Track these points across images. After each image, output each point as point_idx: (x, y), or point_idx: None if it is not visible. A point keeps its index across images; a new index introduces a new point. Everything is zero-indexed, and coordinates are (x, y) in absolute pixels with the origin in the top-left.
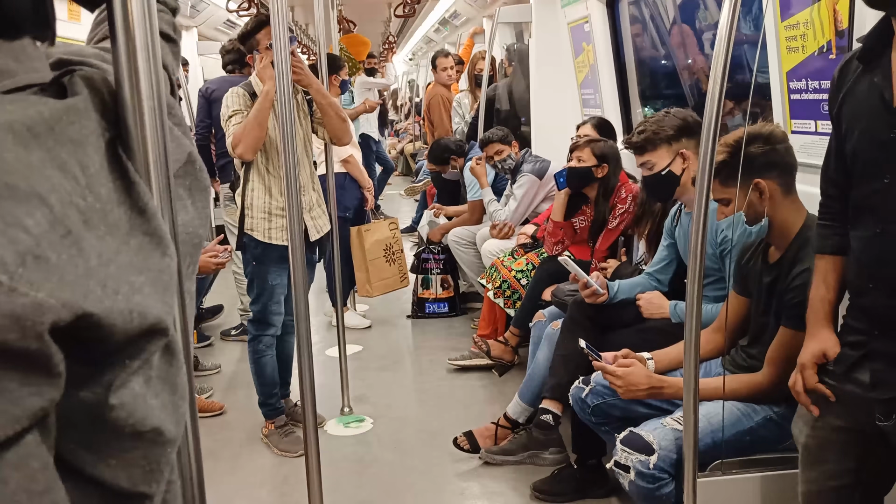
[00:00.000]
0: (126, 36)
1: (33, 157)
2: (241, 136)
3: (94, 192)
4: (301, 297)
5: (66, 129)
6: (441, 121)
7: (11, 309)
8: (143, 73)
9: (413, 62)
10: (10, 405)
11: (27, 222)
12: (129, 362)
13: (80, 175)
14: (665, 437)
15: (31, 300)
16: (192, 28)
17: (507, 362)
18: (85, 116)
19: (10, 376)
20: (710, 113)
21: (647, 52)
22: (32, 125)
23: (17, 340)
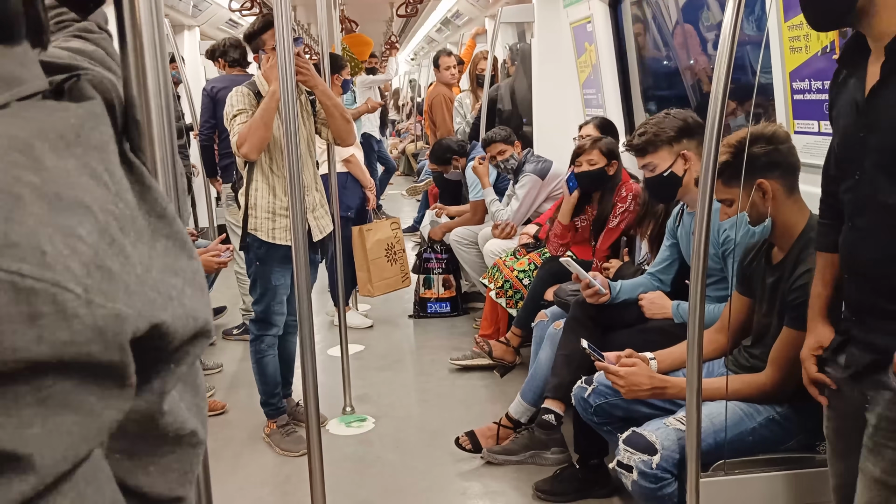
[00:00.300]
0: (133, 36)
1: (69, 165)
2: (246, 136)
3: (123, 199)
4: (304, 297)
5: (91, 135)
6: (443, 120)
7: (93, 321)
8: (151, 71)
9: (415, 62)
10: (90, 419)
11: (81, 232)
12: (174, 367)
13: (110, 181)
14: (668, 437)
15: (111, 311)
16: (194, 27)
17: (508, 363)
18: (102, 121)
19: (90, 390)
20: (713, 113)
21: (649, 52)
22: (63, 132)
23: (100, 353)
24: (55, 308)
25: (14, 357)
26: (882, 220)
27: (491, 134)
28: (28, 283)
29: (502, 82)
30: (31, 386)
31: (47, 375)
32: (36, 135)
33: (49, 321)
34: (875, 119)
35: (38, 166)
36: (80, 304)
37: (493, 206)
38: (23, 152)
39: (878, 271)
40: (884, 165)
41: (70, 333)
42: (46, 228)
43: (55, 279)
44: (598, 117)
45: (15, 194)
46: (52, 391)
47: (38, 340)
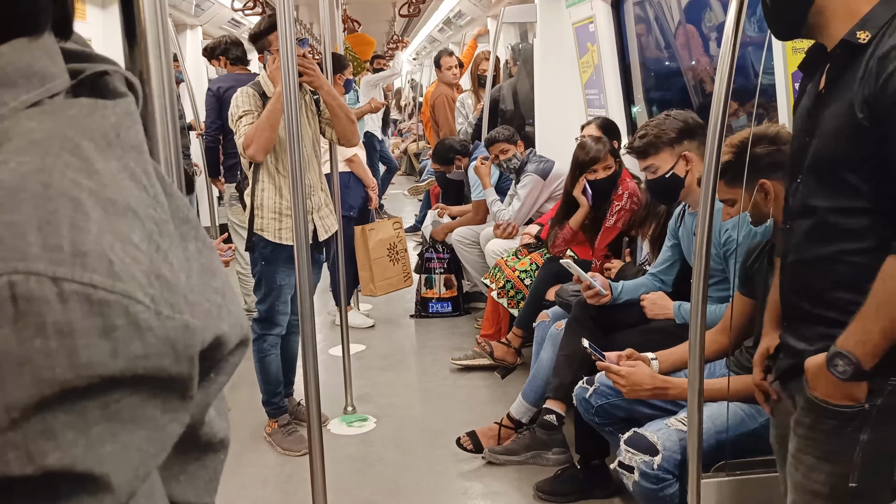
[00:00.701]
0: (138, 36)
1: (113, 167)
2: (252, 137)
3: (160, 203)
4: (306, 297)
5: (128, 135)
6: (446, 120)
7: (165, 333)
8: (154, 71)
9: (417, 62)
10: (157, 434)
11: (134, 238)
12: (215, 377)
13: (148, 184)
14: (669, 437)
15: (181, 323)
16: (196, 27)
17: (509, 364)
18: (136, 120)
19: (155, 404)
20: (716, 114)
21: (651, 52)
22: (105, 132)
23: (171, 366)
24: (128, 320)
25: (89, 372)
26: (810, 224)
27: (494, 133)
28: (101, 295)
29: (504, 82)
30: (99, 401)
31: (116, 390)
32: (82, 134)
33: (123, 334)
34: (817, 125)
35: (90, 169)
36: (151, 315)
37: (495, 207)
38: (73, 154)
39: (804, 274)
40: (816, 170)
41: (143, 346)
42: (107, 235)
43: (126, 290)
44: (599, 117)
45: (75, 199)
46: (120, 406)
47: (114, 354)
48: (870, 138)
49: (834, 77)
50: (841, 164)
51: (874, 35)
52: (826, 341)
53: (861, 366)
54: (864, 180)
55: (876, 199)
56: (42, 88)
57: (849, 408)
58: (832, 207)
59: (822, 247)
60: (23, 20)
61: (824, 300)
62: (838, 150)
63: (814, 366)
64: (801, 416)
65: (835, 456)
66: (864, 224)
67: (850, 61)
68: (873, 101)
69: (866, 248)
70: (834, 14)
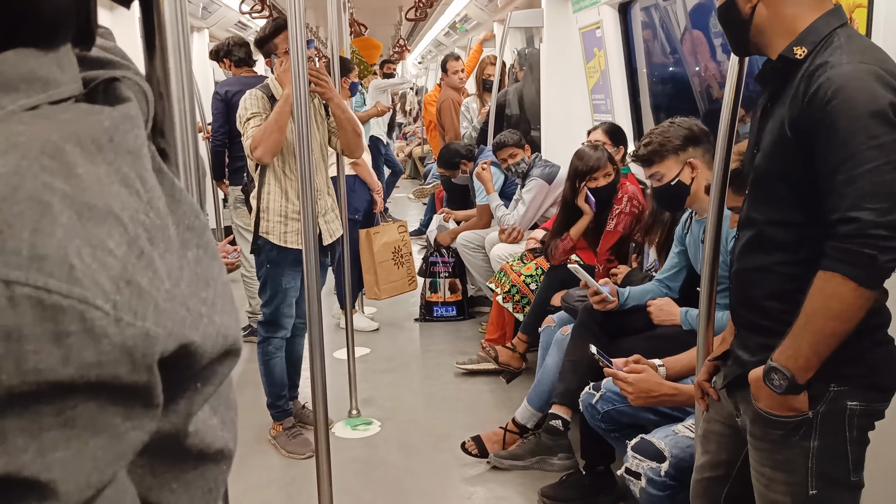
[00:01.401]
0: (159, 38)
1: (100, 172)
2: (260, 140)
3: (154, 208)
4: (314, 301)
5: (124, 139)
6: (452, 124)
7: (122, 341)
8: (175, 77)
9: (423, 66)
10: (115, 441)
11: (110, 244)
12: (201, 387)
13: (142, 189)
14: (677, 444)
15: (140, 331)
16: (203, 29)
17: (514, 369)
18: (137, 124)
19: (115, 411)
20: (725, 121)
21: (658, 58)
22: (96, 136)
23: (127, 374)
24: (83, 326)
25: (37, 378)
26: (752, 235)
27: (502, 138)
28: (55, 300)
29: (510, 87)
30: (53, 407)
31: (71, 396)
32: (67, 138)
33: (76, 340)
34: (761, 138)
35: (68, 172)
36: (109, 322)
37: (499, 212)
38: (53, 157)
39: (745, 283)
40: (757, 183)
41: (97, 354)
42: (75, 240)
43: (83, 295)
44: (606, 123)
45: (44, 202)
46: (75, 412)
47: (65, 361)
48: (798, 155)
49: (774, 92)
50: (775, 178)
51: (810, 51)
52: (765, 352)
53: (795, 380)
54: (796, 194)
55: (807, 214)
56: (43, 94)
57: (793, 417)
58: (769, 220)
59: (760, 257)
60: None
61: (761, 309)
62: (773, 165)
63: (755, 379)
64: (752, 429)
65: (789, 465)
66: (798, 238)
67: (787, 77)
68: (799, 118)
69: (798, 260)
70: (773, 32)
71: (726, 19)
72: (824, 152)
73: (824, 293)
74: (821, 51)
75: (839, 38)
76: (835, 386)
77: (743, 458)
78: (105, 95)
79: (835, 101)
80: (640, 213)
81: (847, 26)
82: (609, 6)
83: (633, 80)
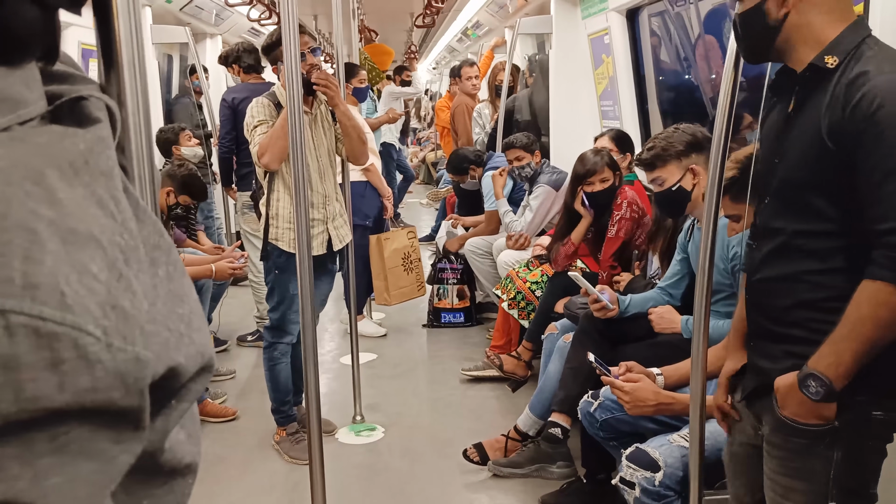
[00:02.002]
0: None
1: (78, 195)
2: (267, 147)
3: (128, 228)
4: (308, 307)
5: (98, 161)
6: (465, 129)
7: (115, 366)
8: (130, 93)
9: (436, 71)
10: (107, 466)
11: (93, 269)
12: (176, 404)
13: (116, 210)
14: (671, 454)
15: (132, 355)
16: (216, 36)
17: (519, 377)
18: (109, 145)
19: (106, 436)
20: (719, 128)
21: (667, 64)
22: (72, 159)
23: (120, 399)
24: (77, 353)
25: (34, 406)
26: (775, 244)
27: (513, 138)
28: (49, 328)
29: (520, 93)
30: (47, 433)
31: (64, 423)
32: (47, 163)
33: (71, 367)
34: (785, 147)
35: (52, 198)
36: (101, 348)
37: (507, 218)
38: (36, 182)
39: (768, 293)
40: (782, 192)
41: (92, 380)
42: (63, 267)
43: (76, 322)
44: (613, 129)
45: (32, 230)
46: (69, 438)
47: (60, 388)
48: (836, 164)
49: (801, 101)
50: (807, 187)
51: (841, 60)
52: (792, 359)
53: (833, 387)
54: (831, 204)
55: (842, 223)
56: (13, 115)
57: (819, 426)
58: (798, 230)
59: (785, 266)
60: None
61: (788, 318)
62: (805, 174)
63: (784, 385)
64: (771, 436)
65: (809, 475)
66: (829, 246)
67: (817, 85)
68: (840, 127)
69: (829, 269)
70: (800, 40)
71: (749, 25)
72: (869, 162)
73: (873, 302)
74: (852, 61)
75: (870, 48)
76: (860, 396)
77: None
78: (71, 113)
79: (881, 110)
80: (641, 217)
81: (872, 36)
82: (617, 13)
83: (640, 86)
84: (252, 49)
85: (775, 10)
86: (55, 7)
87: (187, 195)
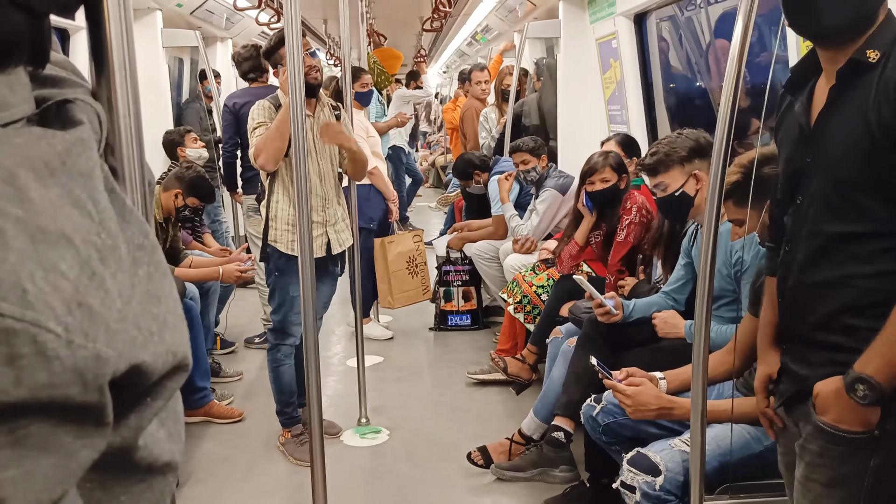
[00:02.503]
0: (105, 57)
1: (53, 195)
2: (262, 148)
3: (106, 228)
4: (309, 309)
5: (77, 162)
6: (474, 133)
7: (73, 363)
8: (121, 95)
9: (447, 75)
10: (66, 460)
11: (62, 267)
12: (151, 402)
13: (94, 211)
14: (672, 458)
15: (92, 352)
16: (226, 40)
17: (524, 381)
18: (89, 146)
19: (66, 430)
20: (720, 133)
21: (676, 69)
22: (48, 160)
23: (78, 395)
24: (35, 349)
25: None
26: (816, 247)
27: (519, 142)
28: (7, 323)
29: (528, 97)
30: (5, 426)
31: (23, 416)
32: (20, 163)
33: (28, 363)
34: (821, 144)
35: (22, 197)
36: (61, 344)
37: (513, 222)
38: (7, 182)
39: (807, 297)
40: (825, 192)
41: (49, 375)
42: (28, 264)
43: (36, 319)
44: (620, 134)
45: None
46: (27, 432)
47: (17, 383)
48: (890, 161)
49: (838, 96)
50: (855, 187)
51: (883, 53)
52: (832, 367)
53: (884, 390)
54: (881, 204)
55: (892, 223)
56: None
57: (858, 433)
58: (841, 231)
59: (827, 270)
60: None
61: (830, 325)
62: (852, 173)
63: (826, 391)
64: (808, 443)
65: (844, 482)
66: (876, 248)
67: (858, 79)
68: (891, 122)
69: (876, 272)
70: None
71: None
72: None
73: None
74: (894, 52)
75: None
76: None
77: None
78: (58, 116)
79: None
80: (650, 222)
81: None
82: (625, 17)
83: (648, 91)
84: (249, 56)
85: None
86: (43, 13)
87: (195, 197)
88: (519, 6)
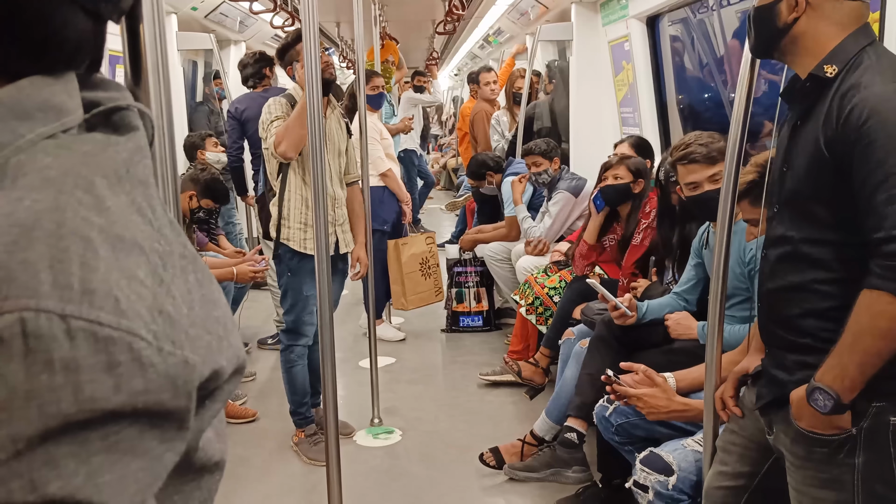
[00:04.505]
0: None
1: (121, 202)
2: (283, 135)
3: (164, 235)
4: (325, 309)
5: (137, 170)
6: (484, 136)
7: (166, 369)
8: (154, 104)
9: (458, 77)
10: (153, 463)
11: (140, 274)
12: (210, 404)
13: (153, 217)
14: (685, 458)
15: (181, 359)
16: (240, 42)
17: (537, 384)
18: (146, 154)
19: (153, 435)
20: (734, 135)
21: (689, 71)
22: (116, 168)
23: (169, 401)
24: (131, 357)
25: (92, 406)
26: (782, 253)
27: (531, 144)
28: (106, 332)
29: (540, 99)
30: (99, 433)
31: (116, 422)
32: (95, 171)
33: (125, 370)
34: (792, 155)
35: (101, 206)
36: (153, 351)
37: (526, 223)
38: (87, 191)
39: (779, 301)
40: (789, 201)
41: (145, 382)
42: (114, 273)
43: (130, 327)
44: (633, 136)
45: (86, 237)
46: (119, 437)
47: (116, 390)
48: (834, 174)
49: (805, 110)
50: (811, 197)
51: (840, 69)
52: (805, 370)
53: (840, 400)
54: (832, 214)
55: (843, 233)
56: (58, 122)
57: (836, 435)
58: (804, 238)
59: (794, 275)
60: (59, 61)
61: (798, 327)
62: (807, 184)
63: (797, 398)
64: (793, 448)
65: (837, 484)
66: (832, 255)
67: (819, 94)
68: (834, 138)
69: (836, 279)
70: (804, 46)
71: (762, 21)
72: (861, 173)
73: (871, 312)
74: (851, 70)
75: (869, 57)
76: (876, 402)
77: (765, 471)
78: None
79: (869, 122)
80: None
81: (876, 44)
82: (637, 20)
83: (661, 93)
84: (248, 63)
85: (786, 13)
86: (106, 18)
87: (210, 199)
88: (531, 9)
